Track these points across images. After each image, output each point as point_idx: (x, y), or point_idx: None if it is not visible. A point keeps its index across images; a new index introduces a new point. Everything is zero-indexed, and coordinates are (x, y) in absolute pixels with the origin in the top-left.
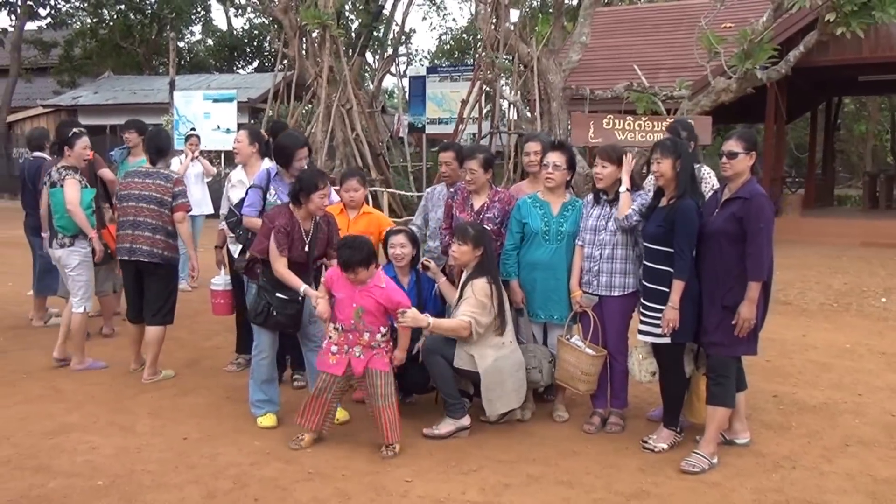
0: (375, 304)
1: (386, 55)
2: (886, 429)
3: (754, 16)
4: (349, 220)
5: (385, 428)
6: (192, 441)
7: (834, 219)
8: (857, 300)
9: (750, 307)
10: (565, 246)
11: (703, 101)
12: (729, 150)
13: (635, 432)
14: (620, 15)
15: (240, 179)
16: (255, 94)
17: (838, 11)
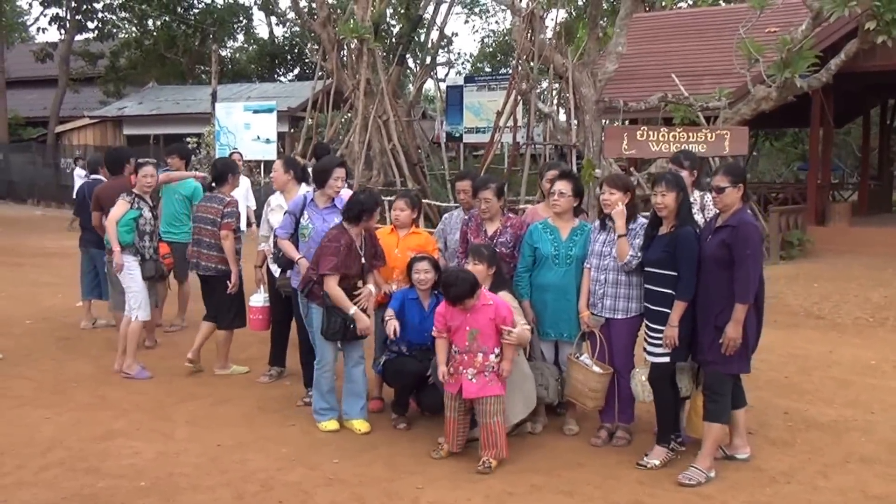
0: (488, 321)
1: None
2: (891, 447)
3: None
4: (399, 238)
5: (485, 442)
6: (225, 448)
7: (884, 228)
8: (895, 315)
9: (736, 328)
10: (574, 269)
11: (743, 109)
12: (717, 185)
13: (641, 446)
14: (662, 20)
15: (279, 204)
16: (294, 103)
17: (879, 19)
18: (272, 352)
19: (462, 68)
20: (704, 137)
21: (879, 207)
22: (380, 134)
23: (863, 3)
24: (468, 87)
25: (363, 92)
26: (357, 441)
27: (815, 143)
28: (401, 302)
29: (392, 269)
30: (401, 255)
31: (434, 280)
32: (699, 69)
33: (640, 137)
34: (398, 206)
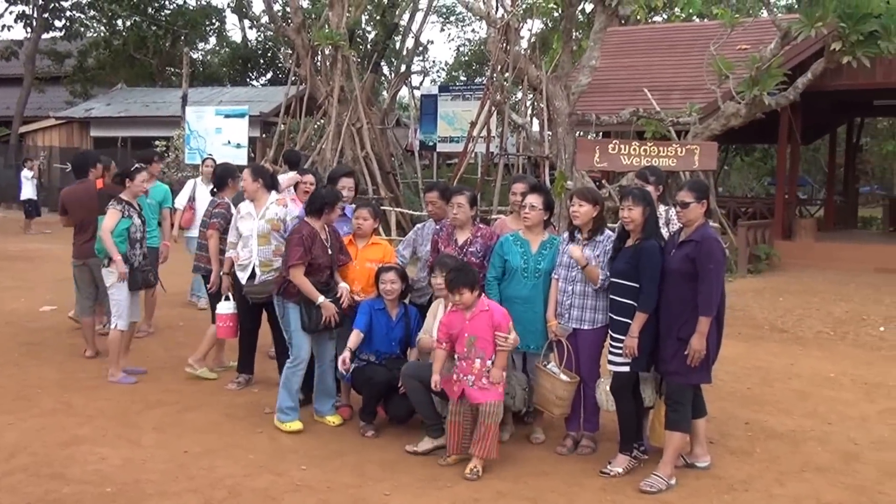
0: (485, 328)
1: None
2: (845, 456)
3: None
4: (358, 250)
5: (477, 440)
6: (193, 454)
7: (849, 243)
8: (855, 329)
9: (700, 339)
10: (542, 282)
11: (713, 124)
12: (682, 200)
13: (605, 454)
14: (636, 35)
15: (248, 212)
16: (267, 108)
17: (844, 41)
18: (240, 359)
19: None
20: (675, 152)
21: (845, 223)
22: (353, 141)
23: (829, 25)
24: (443, 96)
25: (337, 99)
26: (325, 448)
27: (782, 160)
28: (368, 314)
29: (351, 280)
30: (359, 266)
31: (401, 290)
32: (670, 84)
33: (612, 151)
34: (361, 215)
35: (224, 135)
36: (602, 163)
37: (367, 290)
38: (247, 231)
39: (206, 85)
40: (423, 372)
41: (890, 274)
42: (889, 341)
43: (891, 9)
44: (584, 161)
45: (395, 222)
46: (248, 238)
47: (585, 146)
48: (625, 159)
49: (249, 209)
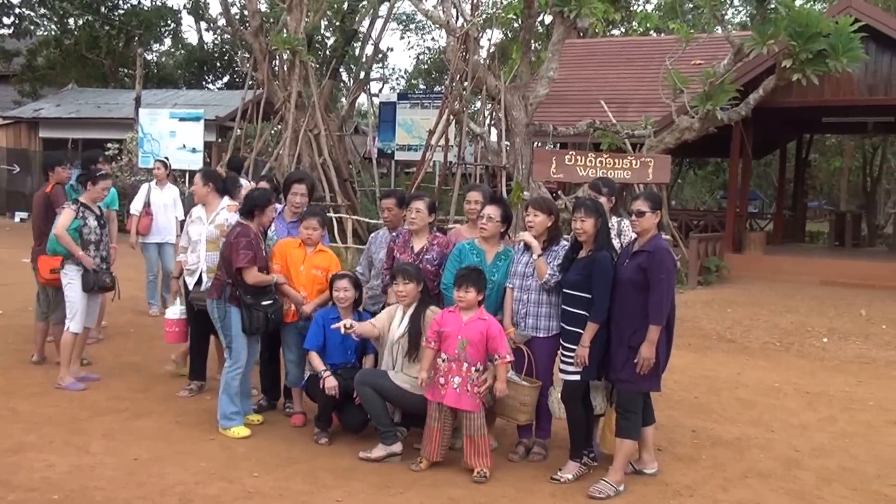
0: (479, 335)
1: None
2: (786, 463)
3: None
4: (306, 255)
5: (473, 454)
6: (143, 461)
7: (795, 257)
8: (800, 340)
9: (649, 348)
10: (495, 293)
11: (668, 138)
12: (638, 209)
13: (556, 461)
14: (593, 48)
15: (199, 216)
16: (223, 112)
17: (794, 59)
18: (191, 366)
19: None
20: (630, 164)
21: (793, 237)
22: (310, 148)
23: (780, 43)
24: (401, 103)
25: (294, 104)
26: (278, 455)
27: (734, 174)
28: (321, 326)
29: (297, 287)
30: (306, 272)
31: (354, 298)
32: (627, 97)
33: (569, 162)
34: (311, 225)
35: (179, 138)
36: (559, 174)
37: (312, 296)
38: (196, 236)
39: (161, 87)
40: (377, 379)
41: (834, 287)
42: (831, 352)
43: (839, 29)
44: (541, 172)
45: (351, 230)
46: (197, 243)
47: (542, 157)
48: (581, 170)
49: (200, 213)
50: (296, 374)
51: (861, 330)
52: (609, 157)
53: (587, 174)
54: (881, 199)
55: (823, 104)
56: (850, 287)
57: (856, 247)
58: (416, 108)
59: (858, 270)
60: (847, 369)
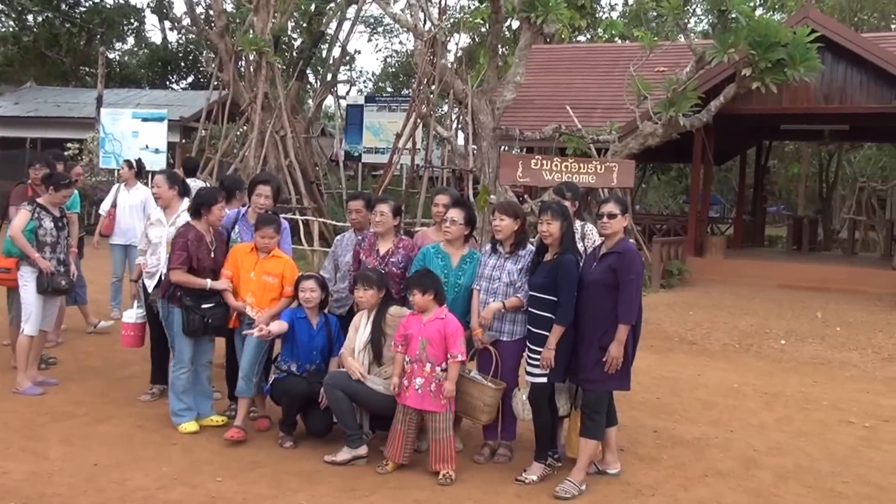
0: (437, 334)
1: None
2: (745, 462)
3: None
4: (257, 260)
5: (438, 457)
6: (103, 467)
7: (754, 260)
8: (759, 341)
9: (618, 347)
10: (462, 296)
11: (632, 143)
12: (609, 211)
13: (521, 462)
14: (559, 53)
15: (158, 218)
16: (187, 113)
17: (754, 67)
18: (153, 370)
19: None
20: (594, 169)
21: (752, 241)
22: (276, 150)
23: (740, 51)
24: (368, 106)
25: (261, 106)
26: (241, 459)
27: (696, 179)
28: (290, 321)
29: (245, 293)
30: (256, 278)
31: (321, 298)
32: (592, 102)
33: (535, 166)
34: (267, 233)
35: (141, 139)
36: (525, 178)
37: (263, 303)
38: (156, 238)
39: (123, 87)
40: (346, 382)
41: (791, 290)
42: (789, 353)
43: (797, 39)
44: (507, 176)
45: (317, 233)
46: (157, 245)
47: (509, 161)
48: (547, 175)
49: (159, 216)
50: (242, 382)
51: (817, 332)
52: (574, 162)
53: (553, 178)
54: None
55: (782, 112)
56: (807, 290)
57: (812, 251)
58: (384, 112)
59: (815, 274)
60: (803, 370)
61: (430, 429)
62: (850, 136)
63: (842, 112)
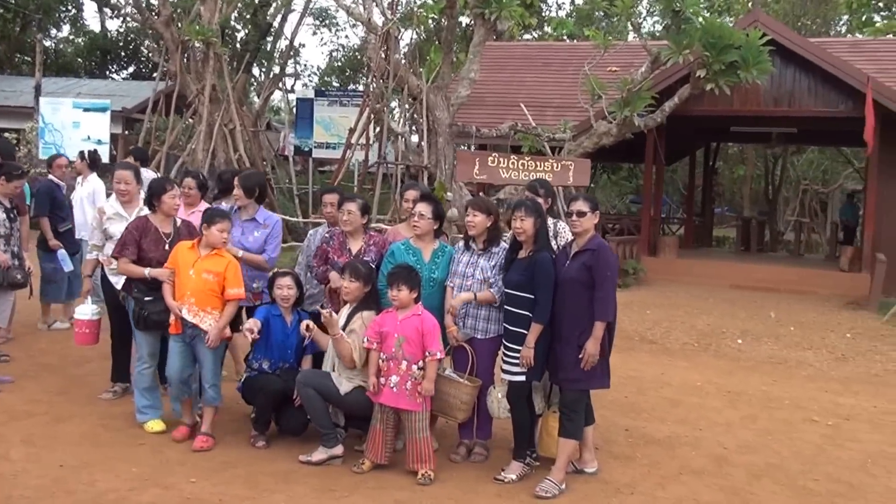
0: (414, 331)
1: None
2: (716, 460)
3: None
4: (198, 257)
5: (415, 457)
6: (69, 468)
7: (707, 260)
8: (717, 341)
9: (595, 344)
10: (437, 291)
11: (586, 142)
12: (578, 209)
13: (497, 461)
14: (511, 50)
15: (117, 213)
16: (130, 104)
17: (708, 69)
18: (114, 368)
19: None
20: (551, 167)
21: (701, 241)
22: (225, 143)
23: (695, 52)
24: (319, 100)
25: (209, 98)
26: (213, 460)
27: (648, 179)
28: (265, 318)
29: (183, 292)
30: (195, 276)
31: (296, 296)
32: (544, 101)
33: (491, 163)
34: (221, 227)
35: (83, 130)
36: (481, 175)
37: (203, 303)
38: (118, 234)
39: (60, 75)
40: (320, 380)
41: (743, 290)
42: (746, 353)
43: (749, 42)
44: (463, 173)
45: None
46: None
47: (465, 158)
48: (503, 172)
49: (118, 210)
50: (175, 388)
51: (771, 331)
52: (531, 160)
53: (509, 176)
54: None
55: (732, 114)
56: (758, 290)
57: (760, 252)
58: (335, 106)
59: (765, 275)
60: (762, 369)
61: (407, 428)
62: (798, 139)
63: (790, 115)
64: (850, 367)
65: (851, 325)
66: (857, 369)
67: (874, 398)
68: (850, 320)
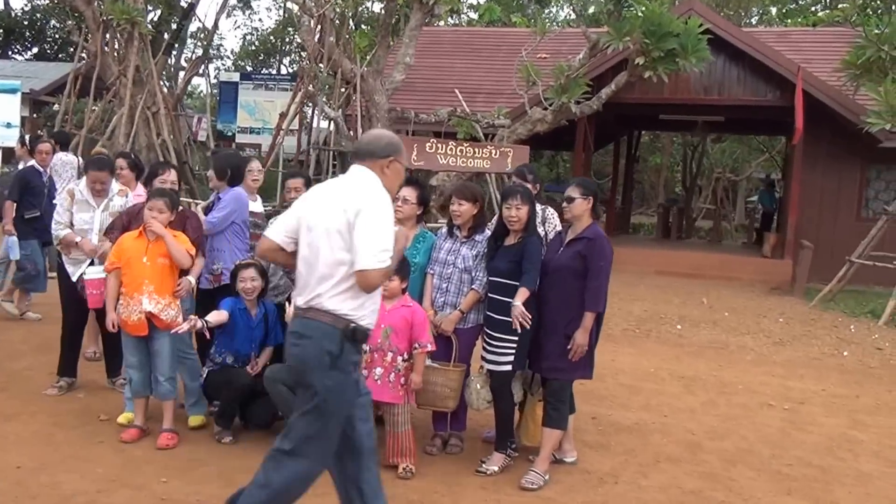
0: (403, 321)
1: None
2: (689, 447)
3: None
4: (148, 244)
5: (396, 451)
6: (28, 470)
7: (632, 248)
8: (656, 327)
9: (584, 334)
10: (417, 277)
11: (520, 129)
12: (568, 195)
13: (474, 452)
14: (440, 36)
15: (86, 200)
16: (38, 85)
17: (647, 56)
18: (62, 360)
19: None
20: (490, 153)
21: (621, 229)
22: (148, 127)
23: (635, 39)
24: (244, 84)
25: (132, 80)
26: (180, 457)
27: (579, 166)
28: (231, 310)
29: (140, 281)
30: (150, 263)
31: (261, 288)
32: (474, 87)
33: (429, 150)
34: (156, 206)
35: None
36: (419, 161)
37: (163, 290)
38: (84, 224)
39: None
40: (286, 375)
41: (669, 276)
42: (687, 338)
43: (688, 29)
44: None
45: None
46: (88, 231)
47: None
48: (442, 158)
49: (87, 198)
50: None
51: (707, 317)
52: (469, 147)
53: (448, 162)
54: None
55: (663, 102)
56: (683, 277)
57: (680, 239)
58: (260, 90)
59: (689, 261)
60: (706, 354)
61: (389, 422)
62: (723, 127)
63: (719, 104)
64: (790, 351)
65: (782, 311)
66: (797, 353)
67: (820, 382)
68: (779, 305)
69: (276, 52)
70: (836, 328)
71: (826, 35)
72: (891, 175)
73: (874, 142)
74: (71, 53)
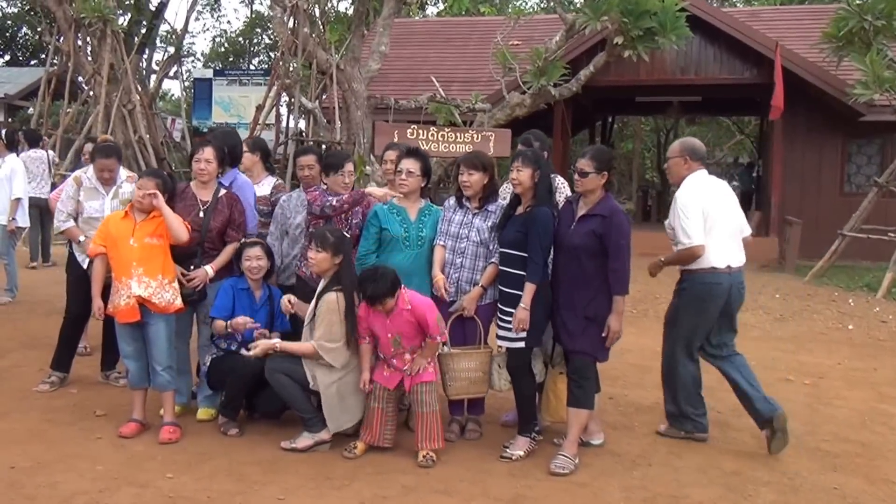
0: (407, 324)
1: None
2: (716, 425)
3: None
4: (135, 224)
5: (426, 435)
6: (23, 469)
7: None
8: (653, 306)
9: (618, 320)
10: (426, 251)
11: (499, 114)
12: (581, 168)
13: (494, 437)
14: (413, 27)
15: (94, 187)
16: (12, 90)
17: (626, 36)
18: (57, 353)
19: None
20: (471, 138)
21: None
22: (125, 125)
23: (612, 19)
24: (218, 80)
25: (107, 78)
26: (185, 452)
27: (558, 151)
28: (230, 296)
29: (128, 262)
30: (138, 244)
31: (267, 268)
32: (448, 76)
33: (411, 136)
34: (146, 185)
35: None
36: None
37: (152, 272)
38: (95, 211)
39: None
40: (290, 365)
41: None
42: None
43: (666, 7)
44: (382, 145)
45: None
46: (99, 219)
47: (384, 130)
48: (423, 145)
49: (96, 185)
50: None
51: None
52: (451, 132)
53: (430, 148)
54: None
55: (639, 83)
56: None
57: (660, 221)
58: (234, 86)
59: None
60: None
61: (416, 401)
62: (698, 108)
63: (696, 84)
64: (793, 326)
65: (777, 287)
66: (800, 328)
67: (831, 355)
68: (773, 282)
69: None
70: (835, 302)
71: (797, 12)
72: (871, 149)
73: (854, 116)
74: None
